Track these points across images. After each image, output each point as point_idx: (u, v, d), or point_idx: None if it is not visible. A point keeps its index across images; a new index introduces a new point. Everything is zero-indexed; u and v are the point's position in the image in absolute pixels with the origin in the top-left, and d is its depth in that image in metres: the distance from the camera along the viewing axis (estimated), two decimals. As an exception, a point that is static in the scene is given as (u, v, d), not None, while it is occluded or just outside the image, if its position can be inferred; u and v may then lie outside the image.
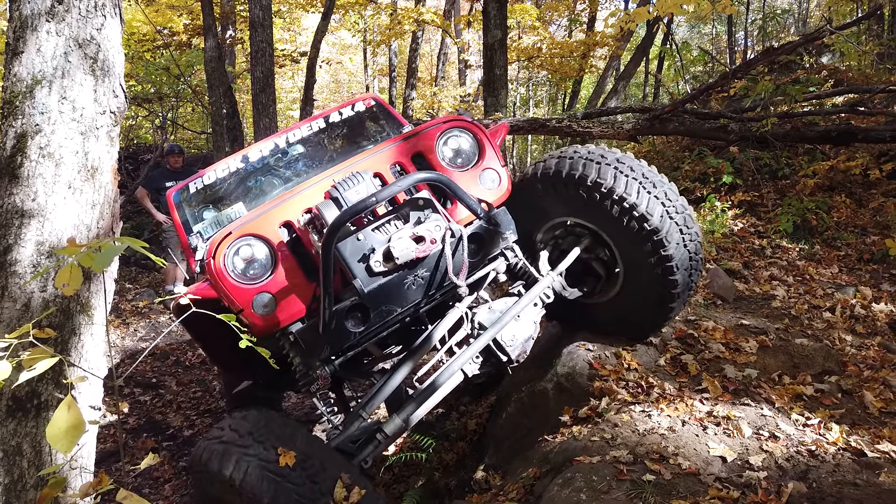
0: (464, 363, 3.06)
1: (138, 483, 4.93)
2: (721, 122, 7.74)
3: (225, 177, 4.45)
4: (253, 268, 2.82)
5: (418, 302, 2.99)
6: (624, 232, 3.28)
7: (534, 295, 3.28)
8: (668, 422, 2.99)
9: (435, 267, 2.95)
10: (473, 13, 15.73)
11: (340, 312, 2.83)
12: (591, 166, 3.30)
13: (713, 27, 19.33)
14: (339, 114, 4.73)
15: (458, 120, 3.29)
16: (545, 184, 3.42)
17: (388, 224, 2.91)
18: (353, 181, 2.87)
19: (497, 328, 3.12)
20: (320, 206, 2.82)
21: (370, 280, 2.83)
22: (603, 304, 3.63)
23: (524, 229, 3.39)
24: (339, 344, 2.92)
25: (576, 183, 3.29)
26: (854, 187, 6.87)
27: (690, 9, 7.69)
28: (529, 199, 3.47)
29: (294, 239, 2.94)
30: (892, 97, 8.53)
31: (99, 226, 2.48)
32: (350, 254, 2.82)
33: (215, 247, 2.79)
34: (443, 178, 2.87)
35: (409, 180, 2.75)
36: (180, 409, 6.26)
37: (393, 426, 2.96)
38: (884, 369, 3.53)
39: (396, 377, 3.02)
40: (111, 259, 1.76)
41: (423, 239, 2.81)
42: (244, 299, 2.75)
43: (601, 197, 3.25)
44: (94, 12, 2.51)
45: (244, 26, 14.48)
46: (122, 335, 7.73)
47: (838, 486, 2.44)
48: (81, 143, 2.44)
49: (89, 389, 2.51)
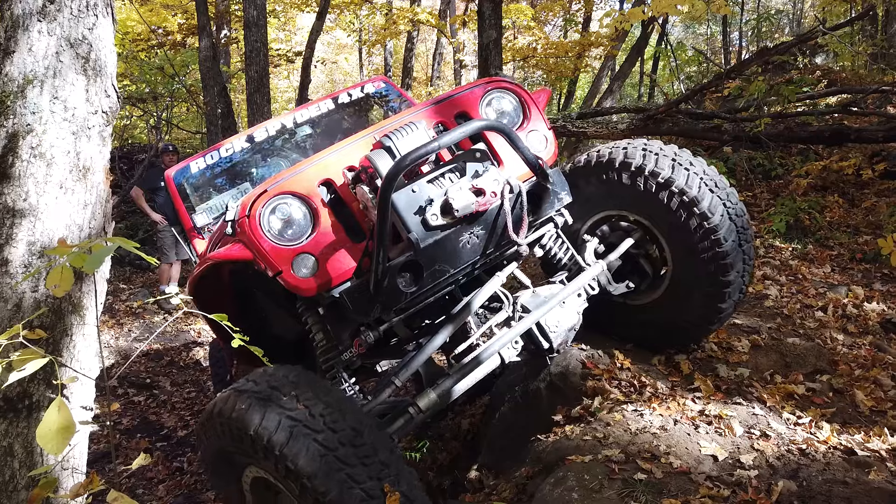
0: (504, 345, 2.90)
1: (132, 483, 4.92)
2: (715, 122, 7.77)
3: (229, 156, 4.35)
4: (291, 228, 2.63)
5: (474, 261, 2.80)
6: (679, 228, 3.14)
7: (582, 282, 3.16)
8: (661, 421, 3.00)
9: (493, 224, 2.74)
10: (469, 13, 15.73)
11: (394, 269, 2.59)
12: (650, 156, 3.18)
13: (708, 27, 19.37)
14: (349, 95, 4.64)
15: (501, 80, 3.14)
16: (596, 173, 3.30)
17: (443, 177, 2.70)
18: (406, 130, 2.69)
19: (542, 311, 2.99)
20: (371, 155, 2.63)
21: (426, 234, 2.60)
22: (645, 305, 3.49)
23: None
24: (391, 304, 2.70)
25: (632, 173, 3.17)
26: (847, 187, 6.90)
27: (685, 9, 7.70)
28: (575, 190, 3.23)
29: (335, 198, 2.75)
30: (885, 98, 8.57)
31: (91, 226, 2.48)
32: (405, 206, 2.58)
33: (249, 204, 2.59)
34: (506, 128, 2.68)
35: (471, 126, 2.55)
36: (174, 410, 6.26)
37: (427, 400, 2.74)
38: (875, 368, 3.54)
39: (434, 343, 2.84)
40: (102, 260, 1.76)
41: (484, 192, 2.61)
42: (283, 260, 2.55)
43: (657, 188, 3.12)
44: (86, 12, 2.50)
45: (239, 26, 14.45)
46: (116, 335, 7.71)
47: (828, 485, 2.45)
48: (73, 143, 2.43)
49: (81, 390, 2.50)
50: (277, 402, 2.28)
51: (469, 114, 2.97)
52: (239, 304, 3.38)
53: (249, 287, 3.29)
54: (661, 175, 3.12)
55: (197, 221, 4.07)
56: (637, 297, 3.49)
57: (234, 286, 3.25)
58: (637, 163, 3.18)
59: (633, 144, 3.28)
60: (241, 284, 3.23)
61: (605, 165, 3.28)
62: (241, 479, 2.62)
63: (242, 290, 3.32)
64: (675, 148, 3.27)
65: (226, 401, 2.38)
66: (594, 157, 3.34)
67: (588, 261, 3.36)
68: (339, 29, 20.76)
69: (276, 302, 3.31)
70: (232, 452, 2.47)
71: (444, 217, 2.61)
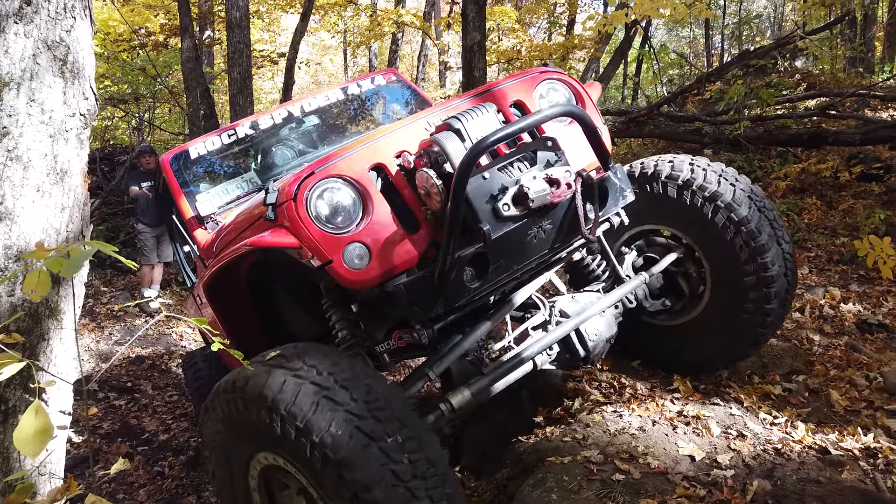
0: (543, 348, 2.79)
1: (112, 489, 4.88)
2: (696, 124, 7.86)
3: (232, 142, 4.13)
4: (340, 214, 2.41)
5: (539, 257, 2.63)
6: (723, 246, 3.03)
7: (623, 293, 3.07)
8: (639, 422, 3.04)
9: (562, 217, 2.55)
10: (453, 15, 15.76)
11: (463, 261, 2.39)
12: (698, 171, 3.10)
13: (690, 30, 19.56)
14: (358, 86, 4.49)
15: (554, 71, 2.97)
16: (640, 185, 3.19)
17: (512, 165, 2.50)
18: (476, 112, 2.51)
19: (582, 318, 2.89)
20: (439, 137, 2.43)
21: (497, 225, 2.39)
22: (677, 326, 3.37)
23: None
24: (454, 300, 2.49)
25: (679, 186, 3.09)
26: (824, 189, 7.00)
27: (667, 12, 7.79)
28: None
29: (386, 184, 2.53)
30: (862, 101, 8.70)
31: (68, 229, 2.46)
32: (476, 194, 2.38)
33: (296, 187, 2.37)
34: (587, 116, 2.51)
35: (554, 110, 2.39)
36: (156, 414, 6.21)
37: (461, 398, 2.59)
38: (849, 368, 3.60)
39: (471, 338, 2.71)
40: (81, 264, 1.75)
41: (558, 182, 2.41)
42: (334, 249, 2.32)
43: (703, 203, 3.02)
44: (64, 14, 2.49)
45: (222, 27, 14.38)
46: (97, 339, 7.64)
47: (802, 484, 2.49)
48: (50, 146, 2.41)
49: (59, 394, 2.48)
50: (300, 371, 2.13)
51: (523, 104, 2.82)
52: (254, 299, 3.19)
53: (268, 281, 3.11)
54: (708, 189, 3.02)
55: (200, 210, 3.74)
56: (669, 318, 3.38)
57: (251, 280, 3.05)
58: (685, 176, 3.09)
59: (680, 158, 3.21)
60: (259, 278, 3.04)
61: (649, 177, 3.20)
62: (247, 475, 2.43)
63: (259, 285, 3.12)
64: (721, 164, 3.19)
65: (238, 373, 2.23)
66: (638, 169, 3.27)
67: (626, 273, 3.26)
68: (323, 30, 20.72)
69: (296, 297, 3.18)
70: (241, 435, 2.30)
71: (517, 207, 2.41)
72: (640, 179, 3.23)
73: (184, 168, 4.02)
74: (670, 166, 3.16)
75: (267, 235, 2.42)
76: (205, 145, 4.08)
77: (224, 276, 2.86)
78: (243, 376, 2.19)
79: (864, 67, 12.24)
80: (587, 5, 21.06)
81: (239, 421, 2.25)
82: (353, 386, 2.09)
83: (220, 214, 3.74)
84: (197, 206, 3.76)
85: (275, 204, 2.39)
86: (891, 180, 6.69)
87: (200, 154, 4.06)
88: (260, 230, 2.55)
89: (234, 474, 2.47)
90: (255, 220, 2.69)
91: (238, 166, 4.15)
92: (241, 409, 2.20)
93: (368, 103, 4.60)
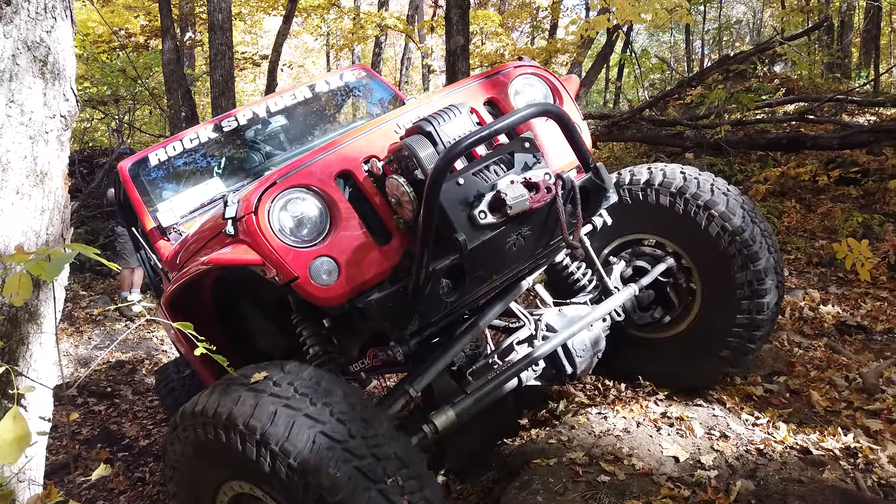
0: (528, 364, 2.70)
1: (92, 495, 4.81)
2: (677, 129, 7.94)
3: (194, 147, 3.90)
4: (305, 227, 2.25)
5: (519, 266, 2.51)
6: (716, 257, 2.98)
7: (612, 305, 2.97)
8: (624, 423, 3.05)
9: (543, 223, 2.40)
10: (436, 18, 15.79)
11: (438, 273, 2.24)
12: (691, 179, 3.03)
13: (671, 36, 19.76)
14: (326, 83, 4.27)
15: (529, 65, 2.82)
16: (631, 193, 3.13)
17: (488, 169, 2.32)
18: (448, 114, 2.35)
19: (570, 332, 2.79)
20: (410, 141, 2.27)
21: (474, 234, 2.23)
22: (662, 340, 3.30)
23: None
24: (430, 315, 2.37)
25: (672, 194, 3.02)
26: (803, 193, 7.11)
27: (648, 17, 7.86)
28: None
29: (354, 192, 2.37)
30: (840, 106, 8.85)
31: (48, 232, 2.43)
32: (450, 202, 2.20)
33: (256, 199, 2.20)
34: (566, 115, 2.38)
35: (530, 110, 2.25)
36: (136, 419, 6.13)
37: (445, 418, 2.46)
38: (829, 369, 3.65)
39: (453, 350, 2.60)
40: (62, 267, 1.73)
41: (537, 186, 2.26)
42: (299, 265, 2.17)
43: (697, 212, 2.97)
44: (44, 14, 2.46)
45: (204, 28, 14.29)
46: (76, 343, 7.54)
47: (784, 484, 2.52)
48: (30, 148, 2.38)
49: (38, 400, 2.45)
50: (291, 400, 1.99)
51: (497, 101, 2.67)
52: (219, 317, 3.02)
53: (233, 296, 2.96)
54: (702, 198, 2.96)
55: (162, 220, 3.49)
56: (655, 331, 3.31)
57: (214, 296, 2.89)
58: (678, 184, 3.03)
59: (670, 167, 3.16)
60: (224, 294, 2.89)
61: (642, 185, 3.12)
62: (215, 500, 2.29)
63: (223, 301, 2.95)
64: (711, 175, 3.15)
65: (208, 394, 2.09)
66: (628, 177, 3.20)
67: (614, 285, 3.14)
68: (306, 33, 20.65)
69: (263, 312, 3.04)
70: (209, 463, 2.15)
71: (494, 215, 2.25)
72: (630, 187, 3.16)
73: (144, 176, 3.81)
74: (663, 174, 3.10)
75: (227, 252, 2.26)
76: (165, 151, 3.89)
77: (186, 293, 2.69)
78: (225, 400, 2.03)
79: (841, 73, 12.45)
80: (570, 10, 21.22)
81: (214, 448, 2.08)
82: (351, 420, 1.97)
83: (182, 224, 3.53)
84: (158, 217, 3.52)
85: (234, 218, 2.23)
86: (868, 184, 6.81)
87: (161, 160, 3.86)
88: (221, 245, 2.39)
89: (199, 497, 2.34)
90: (217, 233, 2.52)
91: (201, 172, 3.93)
92: (217, 436, 2.03)
93: (338, 101, 4.39)
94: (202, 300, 2.85)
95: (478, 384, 2.63)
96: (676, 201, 3.03)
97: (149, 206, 3.68)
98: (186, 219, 3.58)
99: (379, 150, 2.41)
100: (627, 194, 3.15)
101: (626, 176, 3.23)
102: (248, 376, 2.14)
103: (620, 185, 3.18)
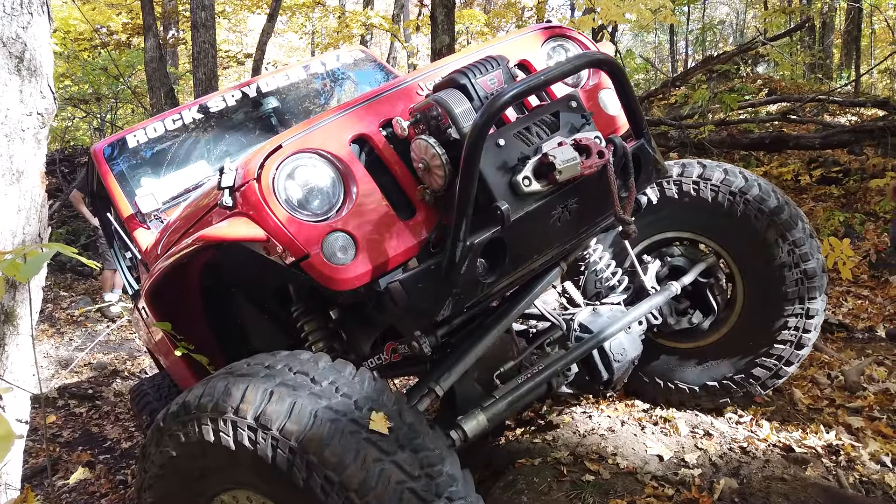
0: (561, 368, 2.43)
1: (73, 498, 4.75)
2: (662, 128, 7.97)
3: (177, 129, 3.61)
4: (316, 197, 1.93)
5: (563, 244, 2.18)
6: (761, 258, 2.73)
7: (650, 306, 2.69)
8: (608, 422, 3.06)
9: (590, 195, 2.06)
10: (422, 18, 15.78)
11: (476, 249, 1.88)
12: (735, 173, 2.77)
13: (656, 36, 19.89)
14: (322, 64, 4.07)
15: (562, 27, 2.51)
16: (670, 188, 2.88)
17: (530, 131, 2.00)
18: (485, 67, 2.02)
19: (607, 335, 2.52)
20: (441, 96, 1.95)
21: (517, 204, 1.90)
22: (694, 350, 3.04)
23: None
24: (465, 299, 2.01)
25: (714, 188, 2.75)
26: (786, 192, 7.14)
27: (633, 17, 7.90)
28: None
29: (373, 159, 2.05)
30: (822, 106, 8.94)
31: (25, 231, 2.39)
32: (489, 166, 1.89)
33: (258, 165, 1.87)
34: (619, 68, 2.05)
35: (583, 60, 1.95)
36: (118, 421, 6.06)
37: (475, 423, 2.16)
38: (812, 367, 3.68)
39: (482, 344, 2.26)
40: (39, 267, 1.70)
41: (589, 150, 1.93)
42: (311, 241, 1.84)
43: (745, 208, 2.70)
44: (20, 10, 2.41)
45: (187, 26, 14.16)
46: (57, 345, 7.44)
47: (767, 481, 2.53)
48: (6, 146, 2.34)
49: (15, 402, 2.40)
50: (322, 394, 1.72)
51: (528, 65, 2.36)
52: (208, 310, 2.67)
53: (224, 285, 2.59)
54: (749, 194, 2.69)
55: (141, 206, 3.11)
56: (688, 339, 3.03)
57: (203, 285, 2.52)
58: (722, 178, 2.76)
59: (712, 162, 2.91)
60: (213, 282, 2.53)
61: (681, 178, 2.86)
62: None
63: (213, 291, 2.59)
64: (752, 174, 2.90)
65: (201, 387, 1.81)
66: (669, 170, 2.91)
67: (650, 285, 2.89)
68: (291, 32, 20.55)
69: (258, 303, 2.69)
70: (216, 467, 1.82)
71: (539, 182, 1.92)
72: (667, 181, 2.89)
73: (120, 159, 3.47)
74: (705, 169, 2.83)
75: (224, 226, 1.91)
76: (145, 132, 3.55)
77: (170, 282, 2.34)
78: (209, 394, 1.76)
79: (822, 73, 12.59)
80: (555, 9, 21.26)
81: (212, 450, 1.76)
82: (399, 427, 1.68)
83: (164, 211, 3.16)
84: (137, 203, 3.12)
85: (232, 187, 1.90)
86: (849, 183, 6.88)
87: (140, 142, 3.52)
88: (214, 219, 2.08)
89: None
90: (208, 209, 2.20)
91: (186, 155, 3.60)
92: (224, 434, 1.71)
93: (334, 82, 4.18)
94: (188, 291, 2.52)
95: (507, 388, 2.33)
96: (718, 196, 2.75)
97: (126, 192, 3.36)
98: (169, 204, 3.23)
99: (399, 113, 2.10)
100: (659, 190, 2.86)
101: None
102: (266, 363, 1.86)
103: None
